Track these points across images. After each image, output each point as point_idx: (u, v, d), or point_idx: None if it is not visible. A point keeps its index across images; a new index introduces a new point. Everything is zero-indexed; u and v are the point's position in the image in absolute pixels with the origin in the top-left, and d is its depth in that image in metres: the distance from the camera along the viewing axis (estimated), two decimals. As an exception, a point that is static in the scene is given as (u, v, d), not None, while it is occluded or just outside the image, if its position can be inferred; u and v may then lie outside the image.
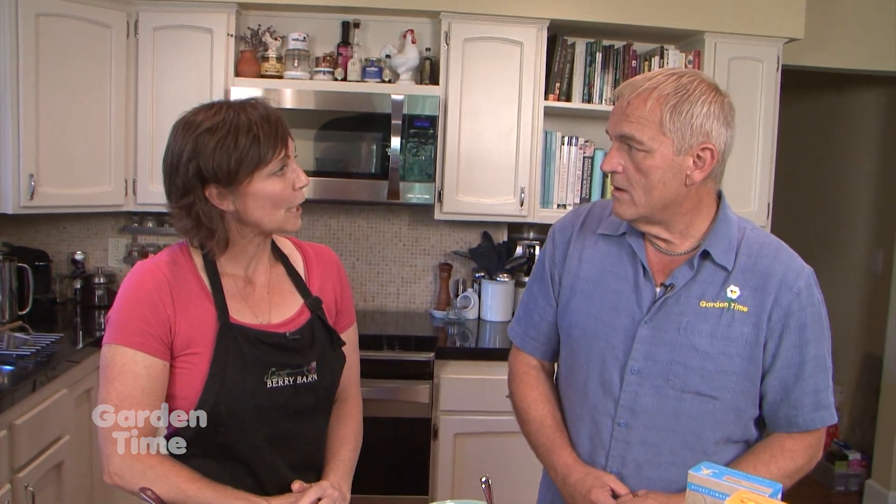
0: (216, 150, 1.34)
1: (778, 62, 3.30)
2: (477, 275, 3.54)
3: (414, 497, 2.97)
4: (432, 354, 2.96)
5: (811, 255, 4.91)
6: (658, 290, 1.43)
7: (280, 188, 1.39)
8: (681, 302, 1.41)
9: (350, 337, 1.61)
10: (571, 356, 1.54)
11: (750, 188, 3.34)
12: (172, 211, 1.41)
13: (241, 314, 1.44)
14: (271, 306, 1.48)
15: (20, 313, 3.01)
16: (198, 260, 1.45)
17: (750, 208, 3.33)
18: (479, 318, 3.50)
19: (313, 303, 1.52)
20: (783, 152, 3.65)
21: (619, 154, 1.38)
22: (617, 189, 1.41)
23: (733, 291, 1.40)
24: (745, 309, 1.39)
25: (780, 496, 1.16)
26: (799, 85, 4.09)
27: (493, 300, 3.45)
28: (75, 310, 3.33)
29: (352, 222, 3.58)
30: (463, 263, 3.63)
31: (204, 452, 1.40)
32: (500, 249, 3.48)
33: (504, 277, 3.44)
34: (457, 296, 3.54)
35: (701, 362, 1.39)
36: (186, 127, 1.37)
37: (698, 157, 1.36)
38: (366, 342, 2.96)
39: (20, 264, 3.03)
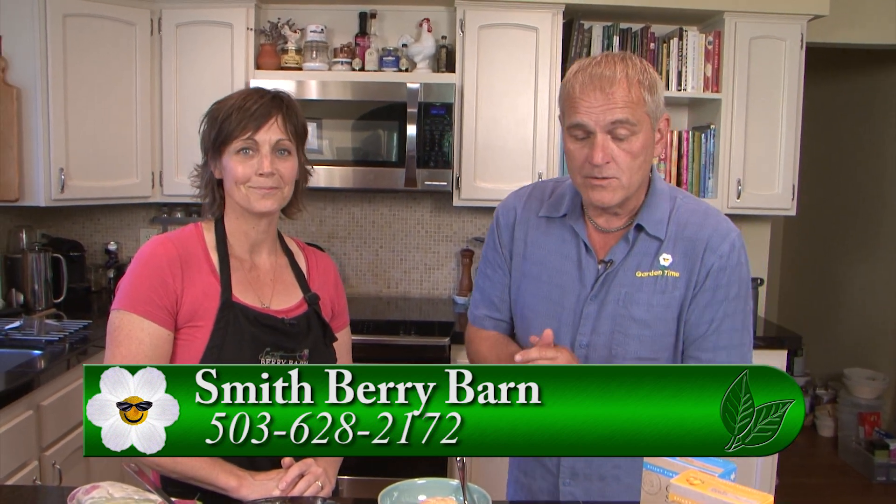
0: (210, 123, 1.53)
1: (801, 40, 3.20)
2: (498, 261, 3.55)
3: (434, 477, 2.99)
4: (447, 339, 2.99)
5: (845, 240, 4.75)
6: (599, 266, 1.49)
7: (241, 169, 1.49)
8: (619, 275, 1.48)
9: (343, 338, 1.70)
10: (526, 337, 1.56)
11: (773, 171, 3.25)
12: (199, 171, 1.60)
13: (244, 295, 1.53)
14: (273, 293, 1.58)
15: (55, 301, 3.15)
16: (209, 239, 1.55)
17: (774, 191, 3.25)
18: (500, 304, 3.51)
19: (312, 298, 1.61)
20: (814, 133, 3.55)
21: (608, 143, 1.38)
22: (603, 178, 1.40)
23: (665, 259, 1.47)
24: (677, 274, 1.46)
25: (732, 476, 1.16)
26: (829, 63, 3.97)
27: (514, 286, 3.45)
28: (109, 298, 3.46)
29: (374, 210, 3.63)
30: (485, 250, 3.64)
31: None
32: (520, 235, 3.48)
33: (524, 263, 3.44)
34: (479, 282, 3.55)
35: (639, 330, 1.46)
36: (216, 102, 1.56)
37: (659, 130, 1.44)
38: (384, 328, 3.07)
39: (54, 255, 3.17)
